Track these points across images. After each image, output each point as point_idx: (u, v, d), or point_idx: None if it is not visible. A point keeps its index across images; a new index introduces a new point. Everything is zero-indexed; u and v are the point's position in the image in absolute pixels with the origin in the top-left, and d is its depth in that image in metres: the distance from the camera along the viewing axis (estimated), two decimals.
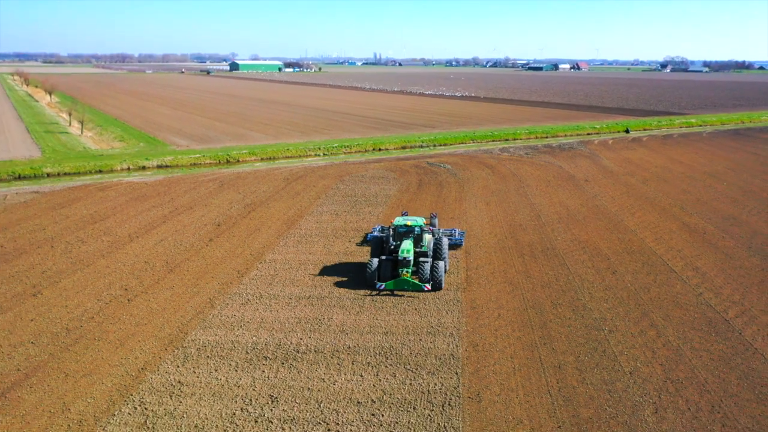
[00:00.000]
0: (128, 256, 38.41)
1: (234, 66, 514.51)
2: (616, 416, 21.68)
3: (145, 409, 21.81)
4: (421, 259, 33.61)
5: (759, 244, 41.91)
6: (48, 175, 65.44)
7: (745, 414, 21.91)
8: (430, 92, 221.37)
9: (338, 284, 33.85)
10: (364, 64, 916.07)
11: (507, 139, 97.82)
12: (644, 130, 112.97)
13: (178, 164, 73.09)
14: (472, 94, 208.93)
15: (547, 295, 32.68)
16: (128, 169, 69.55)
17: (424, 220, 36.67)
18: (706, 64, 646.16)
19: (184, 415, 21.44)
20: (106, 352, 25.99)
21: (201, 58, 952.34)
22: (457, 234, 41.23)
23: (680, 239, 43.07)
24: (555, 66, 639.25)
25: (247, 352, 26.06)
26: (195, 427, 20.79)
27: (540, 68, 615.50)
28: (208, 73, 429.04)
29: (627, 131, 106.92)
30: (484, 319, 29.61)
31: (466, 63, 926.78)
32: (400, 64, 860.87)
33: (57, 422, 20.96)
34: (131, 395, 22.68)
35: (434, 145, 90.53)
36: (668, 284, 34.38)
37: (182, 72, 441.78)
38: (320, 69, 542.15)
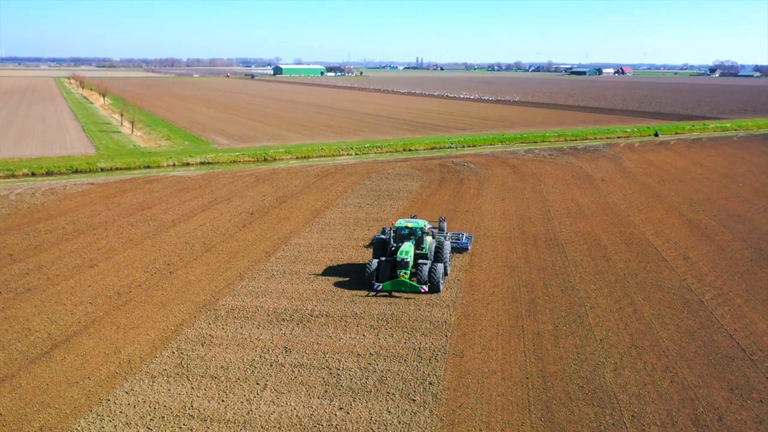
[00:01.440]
0: (171, 237, 43.36)
1: (277, 70, 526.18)
2: (578, 372, 25.05)
3: (181, 353, 26.28)
4: (420, 261, 34.04)
5: (755, 239, 44.13)
6: (102, 169, 71.58)
7: (694, 374, 24.98)
8: (466, 96, 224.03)
9: (353, 265, 37.88)
10: (405, 68, 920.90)
11: (536, 141, 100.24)
12: (676, 134, 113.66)
13: (219, 161, 78.49)
14: (507, 98, 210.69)
15: (540, 277, 36.01)
16: (173, 165, 75.20)
17: (425, 223, 36.70)
18: (757, 68, 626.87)
19: (213, 359, 25.80)
20: (151, 311, 30.66)
21: (246, 63, 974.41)
22: (464, 238, 41.79)
23: (680, 233, 45.62)
24: (598, 70, 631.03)
25: (268, 315, 30.35)
26: (221, 367, 25.11)
27: (583, 73, 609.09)
28: (252, 77, 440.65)
29: (656, 134, 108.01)
30: (479, 295, 33.20)
31: (509, 67, 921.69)
32: (441, 68, 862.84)
33: (110, 361, 25.59)
34: (170, 343, 27.19)
35: (462, 146, 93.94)
36: (656, 271, 37.24)
37: (227, 76, 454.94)
38: (361, 73, 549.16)
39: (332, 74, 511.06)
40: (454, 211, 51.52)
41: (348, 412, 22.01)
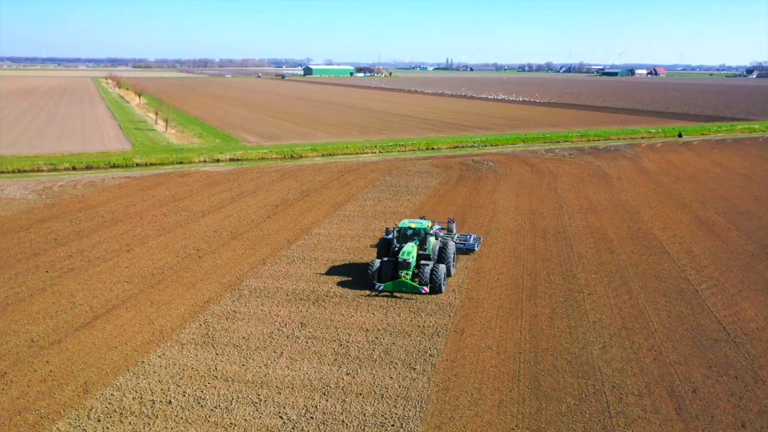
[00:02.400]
0: (201, 226, 46.51)
1: (308, 70, 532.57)
2: (568, 349, 27.15)
3: (208, 325, 29.15)
4: (422, 261, 34.14)
5: (761, 236, 45.34)
6: (137, 164, 75.49)
7: (677, 353, 26.87)
8: (493, 96, 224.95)
9: (369, 253, 40.40)
10: (435, 69, 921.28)
11: (558, 141, 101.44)
12: (701, 135, 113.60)
13: (248, 158, 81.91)
14: (534, 99, 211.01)
15: (544, 266, 38.05)
16: (204, 161, 78.78)
17: (429, 224, 36.55)
18: None
19: (235, 331, 28.60)
20: (181, 290, 33.66)
21: (278, 63, 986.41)
22: (471, 239, 41.43)
23: (686, 229, 47.06)
24: (631, 71, 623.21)
25: (287, 295, 33.08)
26: (242, 338, 27.89)
27: (615, 74, 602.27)
28: (283, 77, 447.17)
29: (680, 135, 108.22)
30: (484, 281, 35.43)
31: (539, 68, 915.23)
32: (471, 69, 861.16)
33: (144, 330, 28.58)
34: (198, 317, 30.09)
35: (484, 145, 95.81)
36: (657, 263, 38.93)
37: (259, 76, 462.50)
38: (390, 74, 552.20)
39: (361, 75, 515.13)
40: (468, 207, 53.70)
41: (354, 377, 24.53)
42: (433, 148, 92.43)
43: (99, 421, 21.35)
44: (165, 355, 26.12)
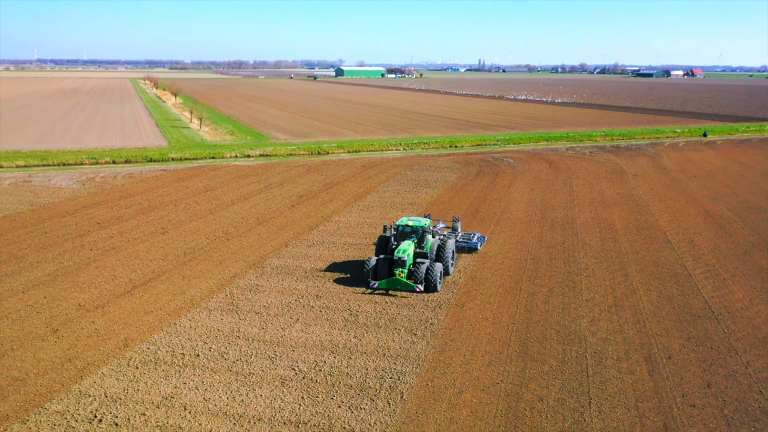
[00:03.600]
0: (230, 213, 50.00)
1: (339, 72, 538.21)
2: (559, 321, 29.53)
3: (233, 296, 32.36)
4: (419, 259, 33.99)
5: (765, 228, 46.71)
6: (172, 159, 79.78)
7: (660, 326, 29.02)
8: (521, 97, 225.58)
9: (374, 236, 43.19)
10: (467, 70, 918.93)
11: (581, 140, 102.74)
12: (728, 135, 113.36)
13: (277, 154, 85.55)
14: (562, 100, 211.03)
15: (548, 252, 40.35)
16: (236, 156, 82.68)
17: (426, 222, 35.88)
18: None
19: (257, 301, 31.75)
20: (210, 266, 37.00)
21: (310, 65, 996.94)
22: (475, 238, 41.06)
23: (692, 221, 48.69)
24: (666, 72, 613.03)
25: (305, 272, 36.14)
26: (263, 306, 31.01)
27: (650, 75, 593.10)
28: (315, 78, 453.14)
29: (704, 135, 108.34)
30: (489, 264, 37.93)
31: (573, 69, 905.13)
32: (503, 71, 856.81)
33: (176, 299, 31.92)
34: (224, 289, 33.34)
35: (507, 144, 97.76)
36: (658, 251, 40.85)
37: (291, 77, 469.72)
38: (421, 75, 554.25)
39: (392, 76, 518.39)
40: (483, 199, 56.10)
41: (360, 339, 27.40)
42: (456, 146, 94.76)
43: (137, 368, 24.64)
44: (194, 319, 29.39)
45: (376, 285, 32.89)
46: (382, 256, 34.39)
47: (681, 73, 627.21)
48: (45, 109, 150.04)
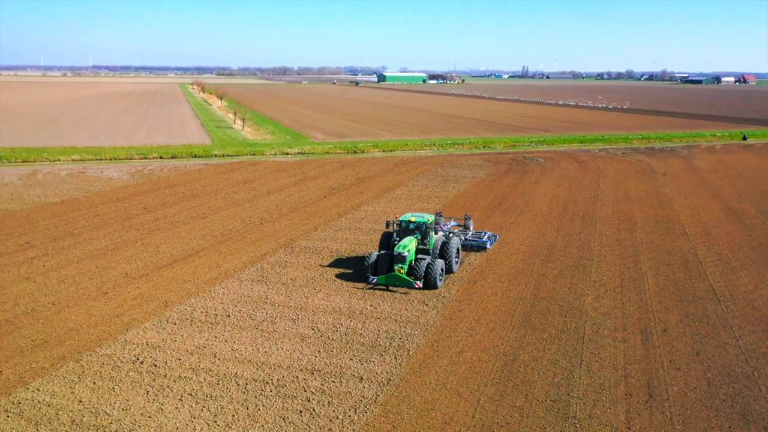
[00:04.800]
0: (265, 202, 53.23)
1: (381, 77, 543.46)
2: (564, 298, 31.35)
3: (263, 270, 35.28)
4: (419, 256, 33.46)
5: None
6: (215, 155, 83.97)
7: (661, 305, 30.53)
8: (561, 102, 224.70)
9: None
10: (510, 77, 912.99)
11: (616, 143, 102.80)
12: None
13: (314, 152, 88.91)
14: (603, 105, 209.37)
15: (564, 240, 42.02)
16: (275, 153, 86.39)
17: (428, 218, 35.05)
18: None
19: (285, 274, 34.57)
20: (244, 246, 40.10)
21: (353, 71, 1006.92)
22: (485, 237, 40.26)
23: (714, 216, 49.46)
24: (716, 79, 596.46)
25: (330, 252, 38.84)
26: (290, 279, 33.79)
27: (699, 81, 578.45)
28: (357, 84, 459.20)
29: (744, 138, 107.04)
30: (506, 249, 39.89)
31: (619, 76, 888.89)
32: (547, 77, 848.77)
33: (212, 271, 35.03)
34: (256, 264, 36.30)
35: (540, 145, 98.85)
36: (674, 242, 42.02)
37: (333, 83, 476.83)
38: (463, 81, 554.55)
39: (434, 82, 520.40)
40: (508, 194, 57.89)
41: (376, 307, 29.86)
42: (489, 147, 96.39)
43: (174, 324, 27.69)
44: (227, 288, 32.38)
45: (374, 280, 32.47)
46: (383, 252, 34.24)
47: (732, 80, 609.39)
48: (99, 111, 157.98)
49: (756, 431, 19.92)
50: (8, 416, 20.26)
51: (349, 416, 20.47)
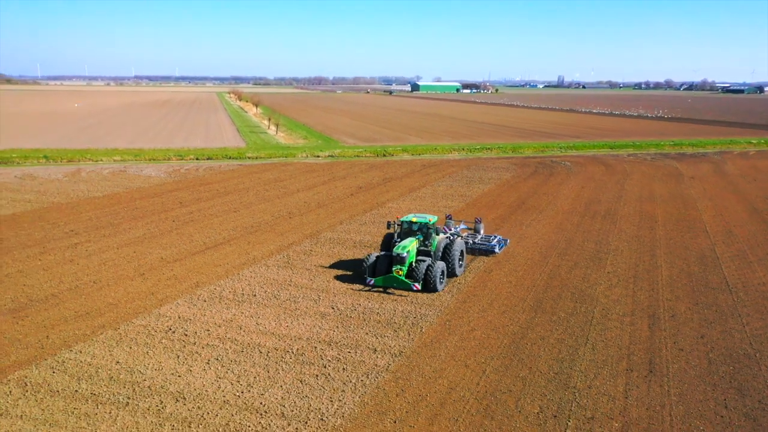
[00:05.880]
0: (294, 199, 55.33)
1: (415, 87, 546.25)
2: (577, 286, 32.31)
3: (289, 257, 37.15)
4: (419, 257, 32.54)
5: None
6: (249, 157, 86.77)
7: (672, 294, 31.25)
8: (596, 111, 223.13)
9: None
10: (545, 86, 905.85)
11: (647, 149, 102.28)
12: None
13: (344, 155, 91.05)
14: (637, 112, 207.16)
15: (583, 236, 42.85)
16: (306, 156, 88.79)
17: (429, 218, 33.97)
18: None
19: (309, 261, 36.35)
20: (272, 236, 42.09)
21: (388, 80, 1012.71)
22: (494, 240, 38.87)
23: (737, 215, 49.55)
24: (759, 89, 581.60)
25: (354, 244, 40.51)
26: (314, 265, 35.56)
27: (741, 91, 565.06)
28: (390, 93, 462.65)
29: None
30: (524, 243, 40.96)
31: (658, 85, 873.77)
32: (583, 87, 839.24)
33: (241, 257, 37.05)
34: (282, 252, 38.20)
35: (568, 150, 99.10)
36: (693, 239, 42.46)
37: (367, 92, 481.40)
38: (497, 90, 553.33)
39: (468, 91, 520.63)
40: (532, 194, 58.79)
41: (393, 292, 31.33)
42: (517, 151, 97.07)
43: (204, 301, 29.67)
44: (254, 272, 34.32)
45: (372, 282, 31.50)
46: (383, 253, 33.14)
47: None
48: (139, 117, 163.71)
49: (750, 403, 20.72)
50: (54, 372, 22.38)
51: (362, 380, 21.99)
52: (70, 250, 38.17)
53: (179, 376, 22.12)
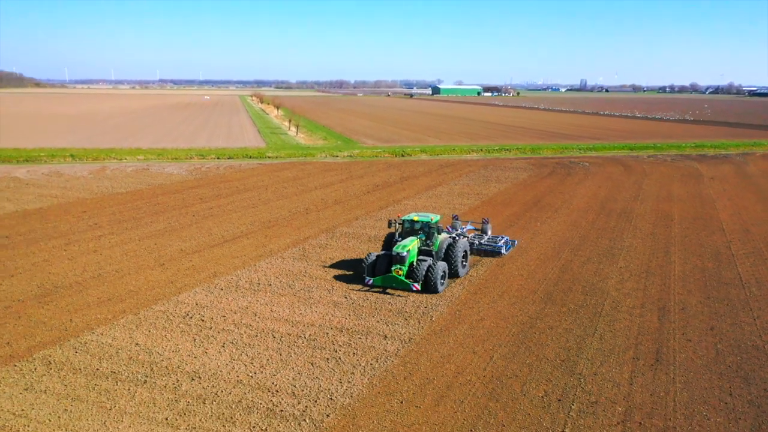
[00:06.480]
0: (312, 196, 56.16)
1: (435, 90, 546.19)
2: (588, 280, 32.51)
3: (305, 250, 37.90)
4: (420, 257, 31.81)
5: None
6: (269, 157, 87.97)
7: (684, 289, 31.31)
8: (617, 113, 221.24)
9: (446, 216, 47.54)
10: (567, 90, 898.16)
11: (668, 150, 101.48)
12: None
13: (362, 155, 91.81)
14: (659, 116, 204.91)
15: (598, 233, 42.96)
16: (324, 156, 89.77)
17: (431, 217, 33.13)
18: None
19: (324, 254, 37.06)
20: (289, 230, 42.90)
21: (409, 84, 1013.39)
22: (501, 242, 37.95)
23: (755, 215, 49.17)
24: None
25: (369, 238, 41.15)
26: (329, 258, 36.25)
27: (767, 94, 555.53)
28: (411, 96, 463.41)
29: None
30: (537, 239, 41.21)
31: (683, 89, 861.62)
32: (606, 90, 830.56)
33: (258, 250, 37.89)
34: (298, 246, 38.97)
35: (588, 151, 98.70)
36: (709, 236, 42.31)
37: (388, 95, 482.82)
38: (518, 94, 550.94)
39: (489, 94, 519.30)
40: (548, 193, 58.90)
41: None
42: (536, 152, 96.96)
43: (221, 290, 30.52)
44: (271, 263, 35.12)
45: (370, 281, 30.79)
46: (383, 252, 32.40)
47: None
48: (163, 118, 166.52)
49: (756, 391, 20.87)
50: (76, 352, 23.33)
51: (371, 364, 22.57)
52: (93, 241, 39.38)
53: (195, 358, 22.92)
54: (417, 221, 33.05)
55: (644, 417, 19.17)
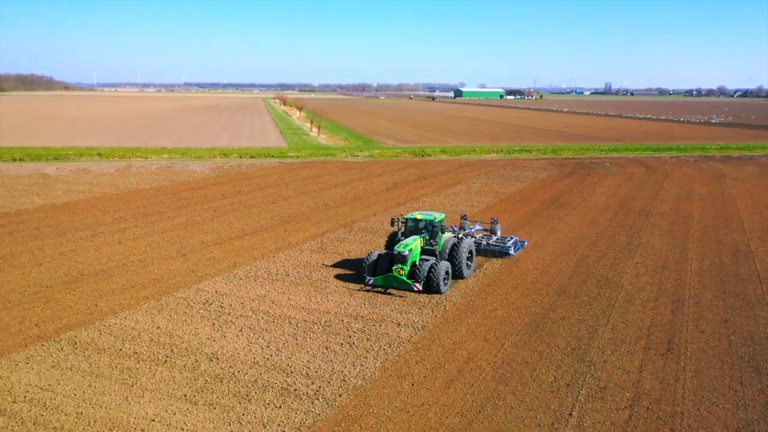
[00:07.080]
0: (331, 193, 56.91)
1: (458, 93, 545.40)
2: (603, 275, 32.62)
3: (323, 243, 38.59)
4: (423, 256, 31.19)
5: None
6: (290, 156, 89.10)
7: (700, 284, 31.26)
8: (641, 116, 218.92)
9: (455, 213, 47.87)
10: (592, 93, 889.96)
11: (692, 151, 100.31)
12: None
13: (383, 155, 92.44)
14: (684, 118, 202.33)
15: (616, 230, 42.93)
16: (345, 156, 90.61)
17: (434, 216, 32.18)
18: None
19: (342, 247, 37.69)
20: (308, 225, 43.65)
21: (431, 87, 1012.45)
22: (510, 242, 36.98)
23: None
24: None
25: (386, 232, 41.65)
26: (346, 251, 36.88)
27: None
28: (433, 99, 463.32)
29: None
30: (553, 235, 41.35)
31: (710, 92, 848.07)
32: (631, 94, 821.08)
33: (277, 243, 38.67)
34: (316, 240, 39.66)
35: (609, 152, 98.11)
36: (727, 234, 42.04)
37: (410, 98, 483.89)
38: (541, 96, 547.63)
39: (511, 97, 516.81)
40: (566, 191, 58.87)
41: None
42: (556, 153, 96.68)
43: (241, 279, 31.32)
44: (289, 255, 35.86)
45: (371, 281, 30.04)
46: (385, 251, 31.54)
47: None
48: (187, 120, 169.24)
49: (767, 381, 20.92)
50: (101, 334, 24.24)
51: (384, 349, 23.09)
52: (118, 233, 40.54)
53: (214, 341, 23.66)
54: (420, 220, 32.03)
55: (652, 402, 19.37)
